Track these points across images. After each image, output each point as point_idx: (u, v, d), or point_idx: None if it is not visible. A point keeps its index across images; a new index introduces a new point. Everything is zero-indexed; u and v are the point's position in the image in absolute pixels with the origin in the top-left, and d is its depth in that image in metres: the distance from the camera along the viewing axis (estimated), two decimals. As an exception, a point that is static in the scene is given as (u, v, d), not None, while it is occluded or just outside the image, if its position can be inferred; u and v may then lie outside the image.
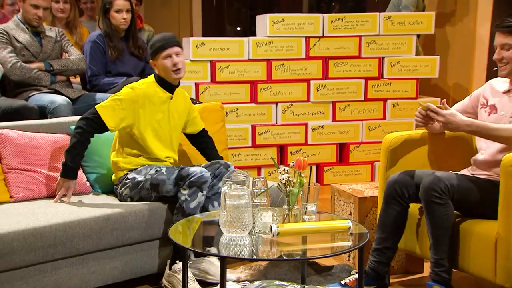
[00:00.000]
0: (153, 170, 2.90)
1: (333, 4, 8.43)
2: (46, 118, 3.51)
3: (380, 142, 3.12)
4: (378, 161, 4.73)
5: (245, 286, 2.72)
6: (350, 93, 4.85)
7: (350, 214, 3.13)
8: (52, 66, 3.78)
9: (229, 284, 2.70)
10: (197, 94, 4.52)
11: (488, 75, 5.51)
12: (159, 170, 2.88)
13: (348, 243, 2.32)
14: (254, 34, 4.91)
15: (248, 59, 4.65)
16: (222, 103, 3.73)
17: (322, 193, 2.99)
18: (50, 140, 3.04)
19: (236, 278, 2.91)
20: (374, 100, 4.91)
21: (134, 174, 2.93)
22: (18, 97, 3.72)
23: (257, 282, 2.68)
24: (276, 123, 4.75)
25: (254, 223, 2.26)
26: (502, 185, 2.38)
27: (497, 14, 5.54)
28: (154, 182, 2.86)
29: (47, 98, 3.63)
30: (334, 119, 4.87)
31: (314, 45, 4.75)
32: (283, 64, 4.71)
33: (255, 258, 2.38)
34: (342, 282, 2.73)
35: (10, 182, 2.89)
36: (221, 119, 3.60)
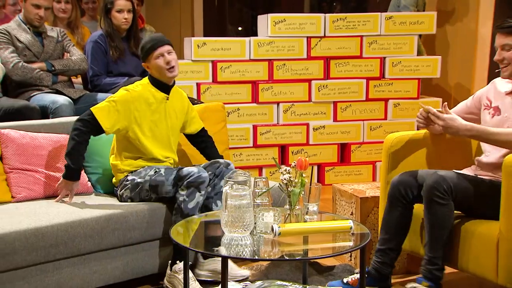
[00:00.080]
0: (152, 172, 2.90)
1: (334, 4, 8.43)
2: (47, 118, 3.51)
3: (381, 142, 3.12)
4: (380, 161, 4.76)
5: (246, 286, 2.72)
6: (351, 93, 4.85)
7: (352, 214, 3.13)
8: (53, 66, 3.78)
9: (230, 284, 2.70)
10: (198, 94, 4.52)
11: (489, 75, 5.50)
12: (158, 171, 2.88)
13: (349, 243, 2.32)
14: (256, 34, 4.91)
15: (249, 59, 4.65)
16: (224, 103, 3.73)
17: (324, 193, 2.98)
18: (52, 140, 3.04)
19: (249, 274, 2.91)
20: (376, 100, 4.91)
21: (133, 176, 2.93)
22: (20, 97, 3.72)
23: (258, 282, 2.68)
24: (277, 123, 4.75)
25: (255, 223, 2.26)
26: (504, 185, 2.38)
27: (498, 14, 5.53)
28: (153, 183, 2.86)
29: (49, 98, 3.63)
30: (335, 119, 4.87)
31: (316, 45, 4.75)
32: (285, 64, 4.71)
33: (257, 258, 2.38)
34: (344, 280, 2.74)
35: (12, 182, 2.89)
36: (222, 119, 3.60)
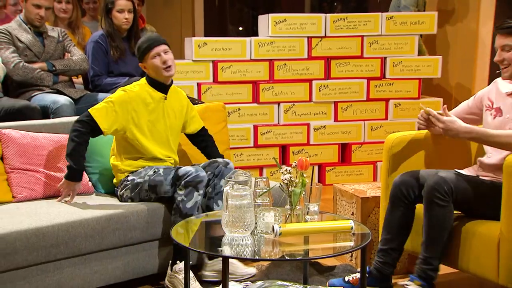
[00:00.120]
0: (151, 172, 2.89)
1: (335, 4, 8.43)
2: (48, 118, 3.51)
3: (382, 142, 3.12)
4: (380, 161, 4.76)
5: (247, 286, 2.72)
6: (352, 93, 4.85)
7: (352, 214, 3.13)
8: (54, 66, 3.79)
9: (231, 284, 2.71)
10: (199, 94, 4.52)
11: (490, 75, 5.50)
12: (157, 171, 2.88)
13: (350, 243, 2.32)
14: (256, 34, 4.91)
15: (250, 59, 4.65)
16: (224, 103, 3.73)
17: (324, 193, 2.99)
18: (53, 140, 3.05)
19: (255, 272, 2.91)
20: (376, 100, 4.91)
21: (133, 176, 2.93)
22: (21, 97, 3.72)
23: (259, 282, 2.68)
24: (278, 123, 4.75)
25: (256, 223, 2.26)
26: (505, 186, 2.38)
27: (499, 14, 5.53)
28: (152, 183, 2.86)
29: (50, 98, 3.63)
30: (336, 119, 4.87)
31: (316, 45, 4.75)
32: (285, 64, 4.71)
33: (257, 258, 2.38)
34: (346, 279, 2.74)
35: (13, 182, 2.89)
36: (223, 119, 3.60)
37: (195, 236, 2.49)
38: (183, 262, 2.70)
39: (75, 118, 2.96)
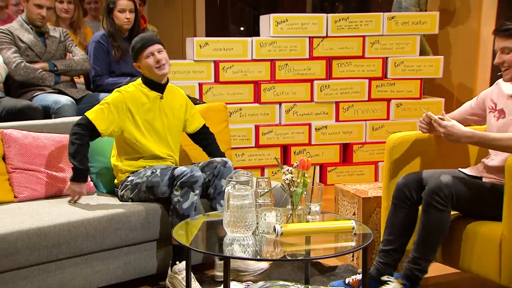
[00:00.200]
0: (149, 172, 2.89)
1: (336, 4, 8.42)
2: (50, 118, 3.52)
3: (383, 142, 3.11)
4: (382, 161, 4.74)
5: (248, 286, 2.72)
6: (353, 93, 4.85)
7: (354, 214, 3.12)
8: (56, 66, 3.79)
9: (233, 284, 2.70)
10: (200, 94, 4.52)
11: (492, 75, 5.50)
12: (154, 172, 2.87)
13: (351, 244, 2.32)
14: (258, 34, 4.91)
15: (251, 59, 4.65)
16: (226, 103, 3.73)
17: (326, 193, 2.98)
18: (54, 140, 3.05)
19: (268, 266, 2.91)
20: (378, 100, 4.91)
21: (133, 177, 2.93)
22: (22, 97, 3.72)
23: (260, 282, 2.68)
24: (279, 123, 4.75)
25: (257, 223, 2.26)
26: (507, 186, 2.38)
27: (501, 14, 5.53)
28: (149, 184, 2.86)
29: (51, 98, 3.64)
30: (337, 119, 4.86)
31: (318, 45, 4.75)
32: (287, 64, 4.70)
33: (259, 258, 2.38)
34: (346, 281, 2.74)
35: (15, 182, 2.90)
36: (224, 119, 3.60)
37: (197, 236, 2.49)
38: (184, 262, 2.71)
39: (77, 118, 2.96)
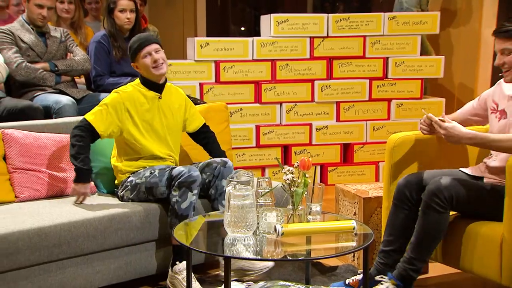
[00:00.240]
0: (147, 173, 2.89)
1: (337, 4, 8.42)
2: (51, 118, 3.52)
3: (384, 143, 3.11)
4: (383, 161, 4.73)
5: (249, 286, 2.72)
6: (354, 93, 4.85)
7: (355, 214, 3.12)
8: (57, 66, 3.79)
9: (233, 284, 2.70)
10: (201, 94, 4.52)
11: (493, 75, 5.49)
12: (153, 173, 2.87)
13: (352, 244, 2.32)
14: (259, 34, 4.91)
15: (252, 59, 4.65)
16: (226, 103, 3.73)
17: (327, 193, 2.99)
18: (55, 140, 3.05)
19: (273, 264, 2.90)
20: (379, 100, 4.91)
21: (133, 177, 2.93)
22: (23, 97, 3.73)
23: (261, 282, 2.68)
24: (280, 123, 4.75)
25: (258, 223, 2.26)
26: (507, 186, 2.38)
27: (502, 14, 5.52)
28: (148, 185, 2.85)
29: (52, 98, 3.64)
30: (338, 119, 4.86)
31: (319, 45, 4.75)
32: (288, 64, 4.70)
33: (260, 258, 2.38)
34: (347, 282, 2.74)
35: (15, 182, 2.90)
36: (225, 119, 3.60)
37: (197, 236, 2.49)
38: (184, 262, 2.71)
39: (78, 118, 2.97)
